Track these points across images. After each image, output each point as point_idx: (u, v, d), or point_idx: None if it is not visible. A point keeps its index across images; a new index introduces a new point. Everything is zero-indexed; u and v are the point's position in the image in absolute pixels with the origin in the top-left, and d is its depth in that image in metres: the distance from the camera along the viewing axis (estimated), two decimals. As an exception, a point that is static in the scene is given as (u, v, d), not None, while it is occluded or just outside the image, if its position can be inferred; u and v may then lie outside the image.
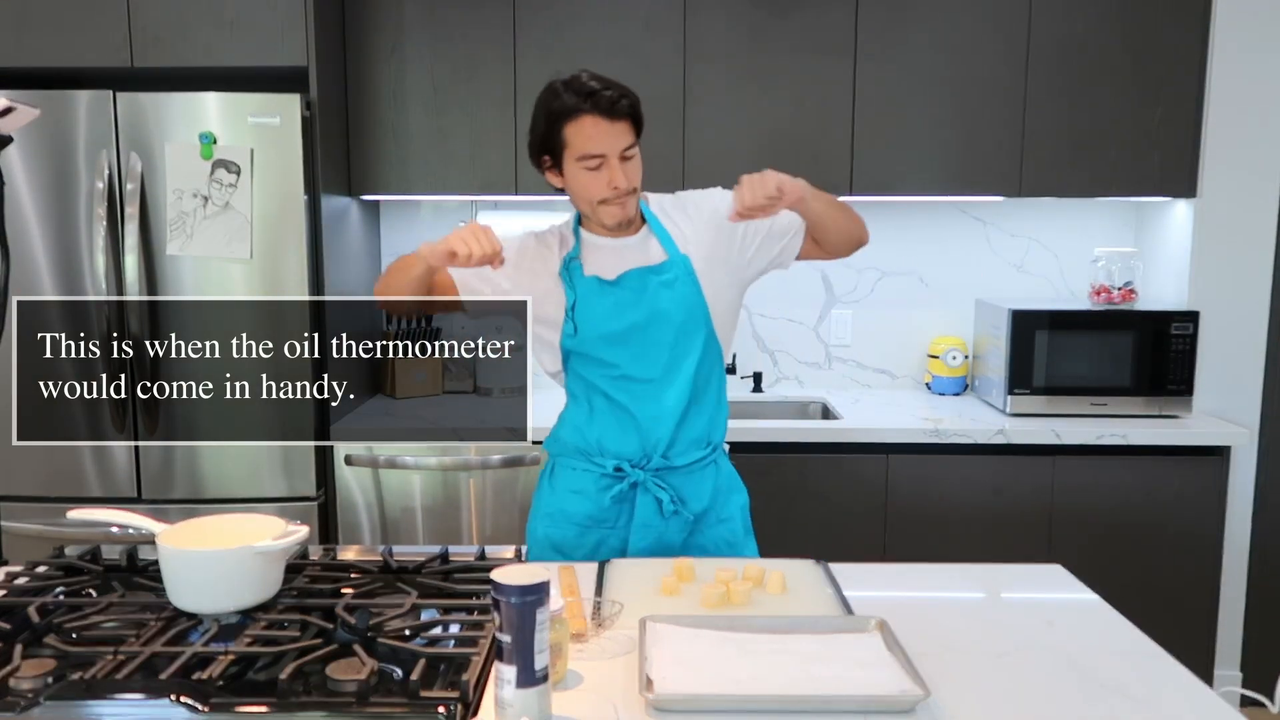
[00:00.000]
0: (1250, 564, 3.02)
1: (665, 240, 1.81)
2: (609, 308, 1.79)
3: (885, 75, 2.90)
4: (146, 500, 2.69)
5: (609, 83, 1.71)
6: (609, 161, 1.70)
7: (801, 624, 1.36)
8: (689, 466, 1.83)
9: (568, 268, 1.81)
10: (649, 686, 1.17)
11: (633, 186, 1.74)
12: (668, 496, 1.81)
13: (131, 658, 1.18)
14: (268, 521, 1.41)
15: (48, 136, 2.57)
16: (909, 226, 3.28)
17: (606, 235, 1.83)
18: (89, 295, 2.63)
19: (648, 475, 1.81)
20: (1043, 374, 2.85)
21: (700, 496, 1.85)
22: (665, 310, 1.78)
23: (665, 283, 1.79)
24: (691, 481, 1.84)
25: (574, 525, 1.85)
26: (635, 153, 1.74)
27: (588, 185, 1.73)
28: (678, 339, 1.79)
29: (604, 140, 1.69)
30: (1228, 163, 2.91)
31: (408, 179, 2.96)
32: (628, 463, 1.82)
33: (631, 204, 1.77)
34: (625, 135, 1.71)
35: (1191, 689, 1.24)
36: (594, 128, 1.68)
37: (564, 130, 1.70)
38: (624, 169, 1.72)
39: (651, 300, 1.78)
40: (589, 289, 1.79)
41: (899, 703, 1.15)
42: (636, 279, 1.79)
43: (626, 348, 1.79)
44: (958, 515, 2.75)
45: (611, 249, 1.82)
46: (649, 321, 1.78)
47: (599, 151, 1.69)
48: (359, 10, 2.89)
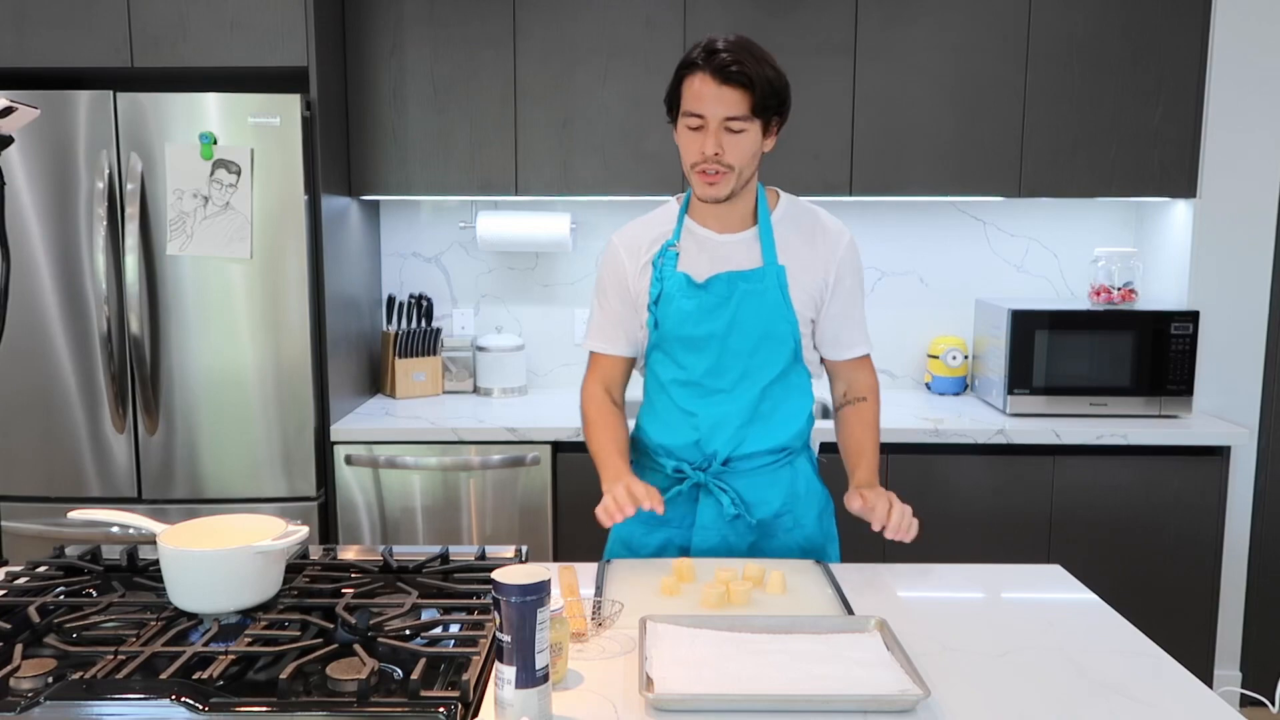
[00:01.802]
0: (1250, 564, 3.03)
1: (767, 244, 1.75)
2: (691, 310, 1.74)
3: (885, 75, 2.90)
4: (146, 500, 2.70)
5: (739, 49, 1.63)
6: (707, 125, 1.64)
7: (802, 624, 1.36)
8: (755, 470, 1.79)
9: (663, 254, 1.76)
10: (649, 686, 1.17)
11: (727, 161, 1.65)
12: (729, 499, 1.76)
13: (132, 658, 1.18)
14: (268, 521, 1.41)
15: (48, 136, 2.57)
16: (909, 226, 3.28)
17: (712, 228, 1.77)
18: (89, 295, 2.63)
19: (709, 477, 1.77)
20: (1042, 374, 2.85)
21: (769, 501, 1.79)
22: (747, 320, 1.73)
23: (753, 291, 1.73)
24: (758, 485, 1.79)
25: (641, 523, 1.80)
26: (745, 129, 1.64)
27: (685, 146, 1.69)
28: (756, 350, 1.74)
29: (707, 102, 1.63)
30: (1228, 163, 2.91)
31: (408, 179, 2.96)
32: (689, 465, 1.79)
33: (724, 183, 1.68)
34: (733, 104, 1.62)
35: (1191, 689, 1.24)
36: (702, 86, 1.63)
37: (682, 84, 1.67)
38: (722, 139, 1.64)
39: (735, 308, 1.73)
40: (676, 286, 1.74)
41: (899, 702, 1.15)
42: (725, 284, 1.73)
43: (703, 354, 1.75)
44: (958, 515, 2.75)
45: (713, 245, 1.77)
46: (729, 331, 1.73)
47: (699, 111, 1.63)
48: (359, 10, 2.89)
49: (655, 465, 1.84)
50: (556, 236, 3.09)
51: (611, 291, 1.83)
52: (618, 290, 1.82)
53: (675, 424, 1.80)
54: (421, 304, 3.22)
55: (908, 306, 3.31)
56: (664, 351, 1.79)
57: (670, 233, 1.79)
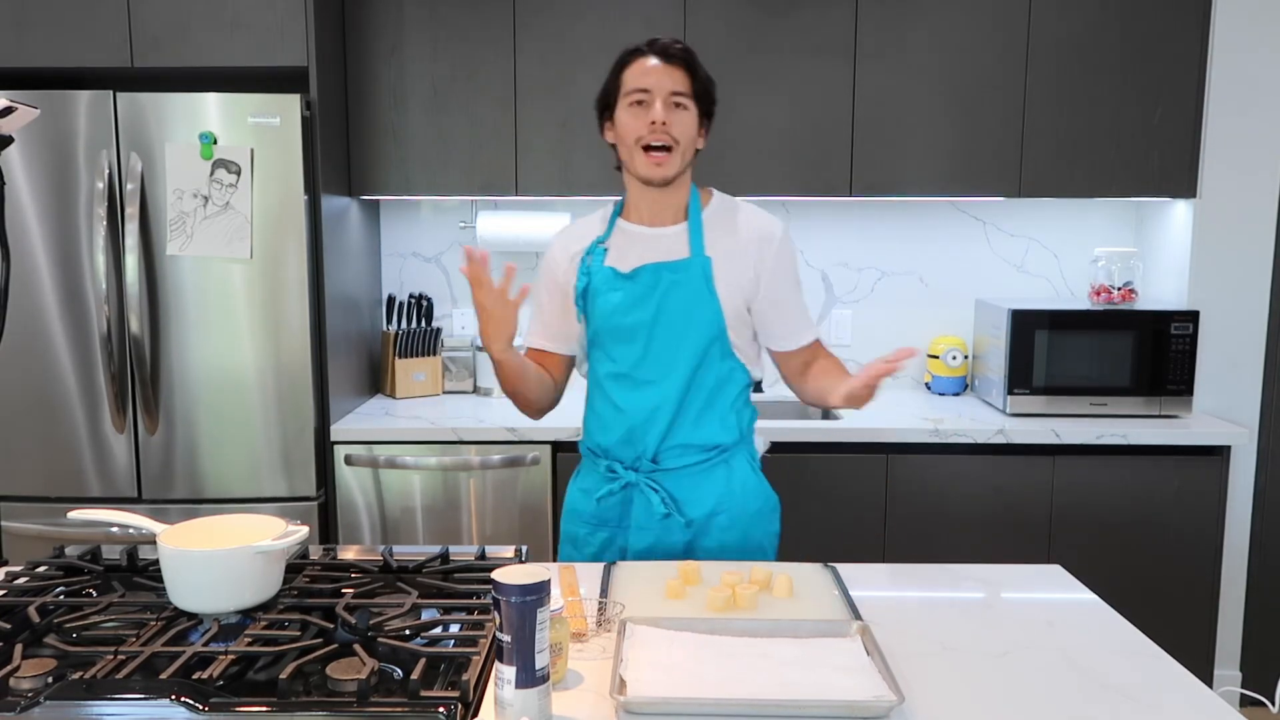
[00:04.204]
0: (1250, 564, 3.03)
1: (695, 237, 1.78)
2: (619, 301, 1.77)
3: (885, 75, 2.90)
4: (146, 500, 2.70)
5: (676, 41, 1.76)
6: (653, 98, 1.71)
7: (782, 628, 1.35)
8: (686, 469, 1.80)
9: (590, 251, 1.81)
10: (622, 689, 1.17)
11: (674, 134, 1.71)
12: (658, 499, 1.78)
13: (131, 658, 1.18)
14: (268, 521, 1.41)
15: (48, 136, 2.57)
16: (909, 226, 3.28)
17: (644, 223, 1.82)
18: (89, 295, 2.63)
19: (641, 476, 1.80)
20: (1042, 374, 2.85)
21: (702, 500, 1.80)
22: (672, 310, 1.76)
23: (678, 281, 1.76)
24: (690, 484, 1.81)
25: (584, 523, 1.86)
26: (688, 107, 1.73)
27: (629, 125, 1.73)
28: (681, 340, 1.76)
29: (653, 77, 1.71)
30: (1228, 163, 2.91)
31: (408, 179, 2.96)
32: (620, 464, 1.82)
33: (670, 163, 1.73)
34: (677, 80, 1.72)
35: (1191, 689, 1.24)
36: (646, 65, 1.73)
37: (622, 75, 1.75)
38: (668, 113, 1.70)
39: (661, 298, 1.76)
40: (602, 279, 1.79)
41: (871, 708, 1.14)
42: (650, 274, 1.76)
43: (632, 345, 1.78)
44: (958, 515, 2.75)
45: (643, 239, 1.80)
46: (655, 320, 1.76)
47: (645, 86, 1.71)
48: (359, 10, 2.89)
49: (592, 467, 1.87)
50: (556, 236, 3.10)
51: (544, 288, 1.91)
52: (549, 286, 1.89)
53: (608, 420, 1.83)
54: (421, 304, 3.22)
55: (908, 306, 3.31)
56: (598, 346, 1.83)
57: (601, 234, 1.84)
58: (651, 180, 1.75)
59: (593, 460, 1.88)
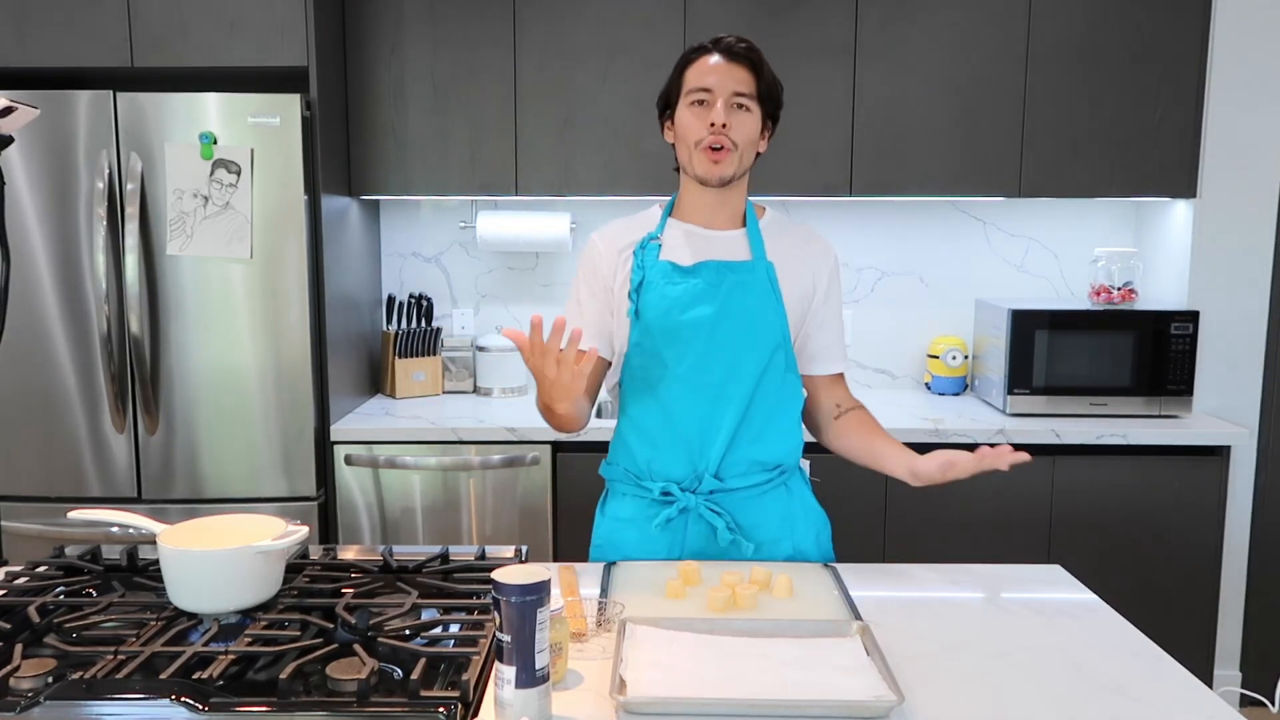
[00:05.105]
0: (1250, 564, 3.02)
1: (755, 242, 1.71)
2: (678, 296, 1.66)
3: (885, 75, 2.90)
4: (146, 500, 2.70)
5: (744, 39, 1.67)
6: (714, 99, 1.62)
7: (782, 628, 1.35)
8: (748, 490, 1.70)
9: (643, 246, 1.71)
10: (621, 688, 1.17)
11: (734, 137, 1.63)
12: (723, 523, 1.66)
13: (131, 658, 1.18)
14: (268, 521, 1.41)
15: (48, 136, 2.57)
16: (909, 226, 3.28)
17: (700, 224, 1.73)
18: (89, 295, 2.63)
19: (699, 499, 1.68)
20: (1042, 374, 2.85)
21: (764, 524, 1.70)
22: (736, 310, 1.66)
23: (742, 282, 1.67)
24: (752, 507, 1.70)
25: (625, 558, 1.70)
26: (751, 109, 1.64)
27: (689, 126, 1.64)
28: (746, 344, 1.67)
29: (715, 76, 1.63)
30: (1228, 163, 2.91)
31: (408, 179, 2.96)
32: (677, 485, 1.68)
33: (729, 162, 1.64)
34: (740, 80, 1.63)
35: (1191, 689, 1.24)
36: (708, 63, 1.64)
37: (685, 73, 1.67)
38: (729, 113, 1.62)
39: (725, 296, 1.66)
40: (660, 272, 1.68)
41: (872, 708, 1.14)
42: (713, 271, 1.67)
43: (689, 346, 1.66)
44: (958, 515, 2.75)
45: (701, 238, 1.71)
46: (718, 319, 1.65)
47: (707, 85, 1.63)
48: (359, 10, 2.89)
49: (638, 491, 1.72)
50: (556, 236, 3.10)
51: (586, 287, 1.76)
52: (592, 285, 1.75)
53: (654, 432, 1.69)
54: (421, 304, 3.22)
55: (908, 306, 3.31)
56: (646, 350, 1.69)
57: (654, 230, 1.75)
58: (709, 180, 1.66)
59: (633, 485, 1.73)
